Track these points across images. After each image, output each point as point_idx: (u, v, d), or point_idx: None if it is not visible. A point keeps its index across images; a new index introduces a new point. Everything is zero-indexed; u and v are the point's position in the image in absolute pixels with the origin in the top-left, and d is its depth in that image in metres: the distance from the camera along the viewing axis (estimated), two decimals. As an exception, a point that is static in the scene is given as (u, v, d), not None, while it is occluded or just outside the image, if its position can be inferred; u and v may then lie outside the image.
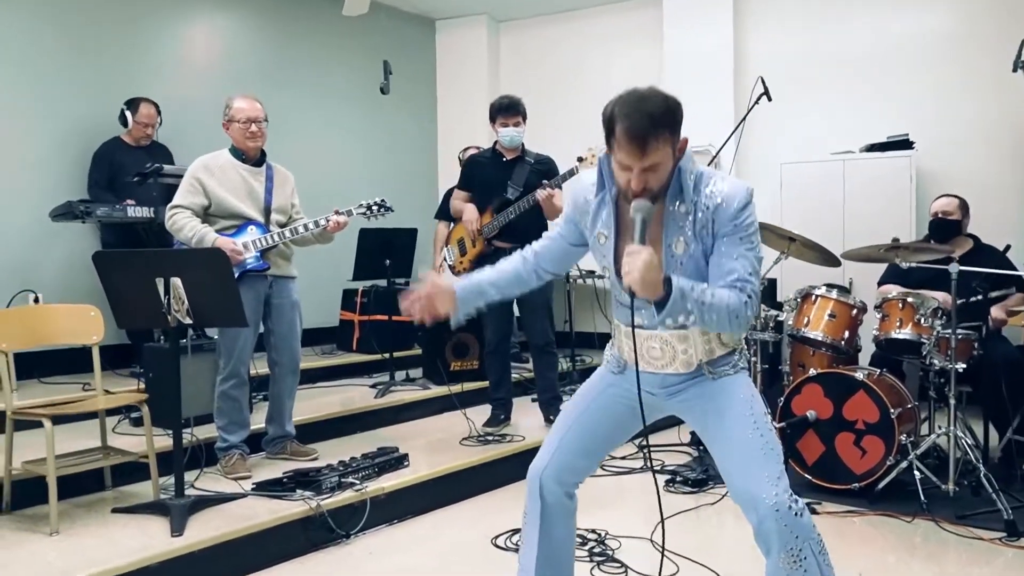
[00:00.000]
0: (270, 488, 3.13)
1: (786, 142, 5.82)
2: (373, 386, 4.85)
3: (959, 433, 3.37)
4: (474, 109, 7.07)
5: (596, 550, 2.93)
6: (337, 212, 3.51)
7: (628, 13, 6.68)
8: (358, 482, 3.20)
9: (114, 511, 2.95)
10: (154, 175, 4.38)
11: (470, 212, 4.11)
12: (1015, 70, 3.41)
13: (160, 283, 2.82)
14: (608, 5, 6.74)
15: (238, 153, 3.47)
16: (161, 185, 4.55)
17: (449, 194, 5.97)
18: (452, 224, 4.55)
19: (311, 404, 4.34)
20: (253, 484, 3.19)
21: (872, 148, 5.42)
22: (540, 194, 3.85)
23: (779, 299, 5.29)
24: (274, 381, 3.59)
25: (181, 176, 4.49)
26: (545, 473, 2.08)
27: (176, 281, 2.83)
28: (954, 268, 3.33)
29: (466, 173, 4.30)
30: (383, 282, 5.34)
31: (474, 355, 5.01)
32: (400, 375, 5.10)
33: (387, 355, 5.07)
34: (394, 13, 6.67)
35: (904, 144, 5.32)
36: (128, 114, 4.79)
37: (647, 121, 1.76)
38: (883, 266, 4.21)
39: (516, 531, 3.08)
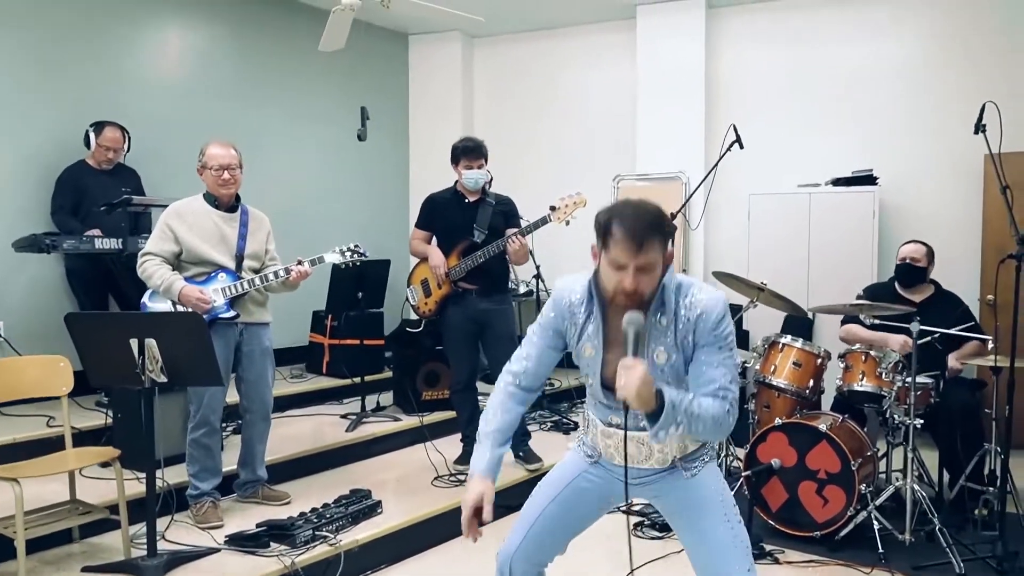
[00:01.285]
0: (244, 542, 3.12)
1: (755, 172, 5.92)
2: (344, 416, 4.85)
3: (915, 487, 3.50)
4: (447, 127, 7.03)
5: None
6: (299, 262, 3.48)
7: (603, 32, 6.70)
8: (332, 535, 3.21)
9: (84, 570, 2.92)
10: (123, 205, 4.30)
11: (436, 257, 4.12)
12: (976, 132, 3.50)
13: (135, 343, 2.79)
14: (583, 25, 6.75)
15: (212, 199, 3.44)
16: (129, 215, 4.49)
17: (425, 205, 5.97)
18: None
19: (282, 436, 4.32)
20: (226, 536, 3.18)
21: (838, 182, 5.55)
22: (510, 246, 3.88)
23: (748, 344, 5.42)
24: (245, 426, 3.58)
25: (150, 206, 4.48)
26: (515, 557, 2.16)
27: (151, 341, 2.80)
28: (915, 327, 3.45)
29: (427, 212, 4.27)
30: (354, 307, 5.33)
31: (445, 384, 5.02)
32: (371, 400, 5.11)
33: (358, 380, 5.07)
34: (367, 27, 6.59)
35: (868, 179, 5.46)
36: (92, 136, 4.66)
37: (645, 220, 1.84)
38: (848, 291, 4.33)
39: (489, 585, 3.13)
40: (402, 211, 6.79)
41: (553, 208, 3.93)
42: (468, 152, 4.06)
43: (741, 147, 4.21)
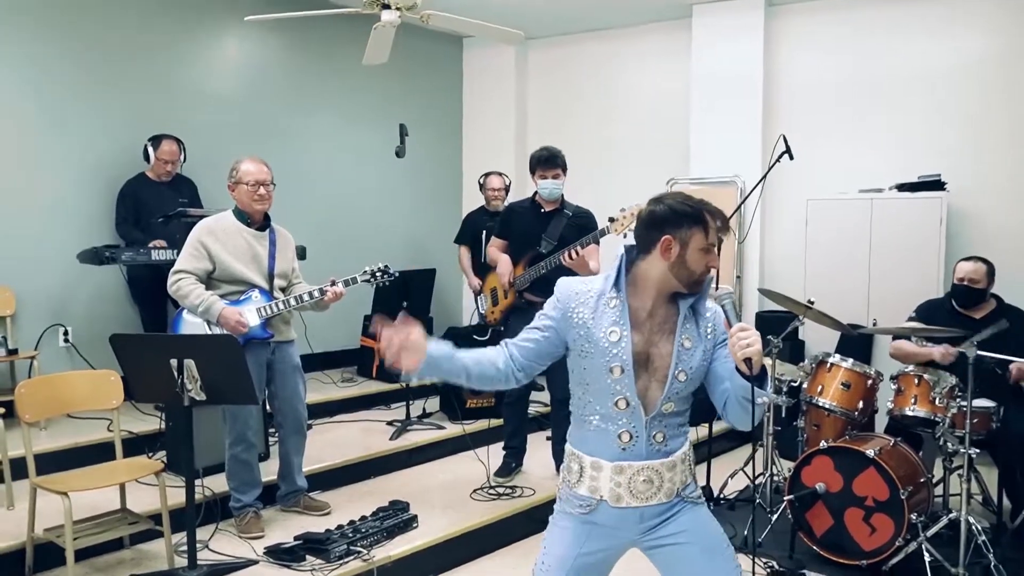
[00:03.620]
0: (281, 555, 3.21)
1: (813, 177, 5.71)
2: (390, 422, 4.93)
3: (970, 519, 3.32)
4: (500, 129, 7.05)
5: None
6: (333, 282, 3.51)
7: (657, 33, 6.56)
8: (366, 550, 3.27)
9: (130, 578, 3.07)
10: (178, 217, 4.46)
11: (504, 264, 4.12)
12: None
13: (174, 363, 2.89)
14: (638, 26, 6.62)
15: (243, 216, 3.48)
16: (185, 225, 4.64)
17: (469, 218, 6.01)
18: (481, 256, 4.53)
19: (327, 443, 4.44)
20: (265, 548, 3.28)
21: (903, 187, 5.30)
22: (564, 259, 3.83)
23: (804, 354, 5.26)
24: (281, 442, 3.67)
25: (203, 217, 4.62)
26: None
27: (189, 362, 2.89)
28: (971, 353, 3.27)
29: (504, 221, 4.28)
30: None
31: (490, 393, 5.04)
32: (417, 407, 5.17)
33: (405, 385, 5.13)
34: (420, 32, 6.63)
35: (936, 185, 5.19)
36: (151, 150, 4.86)
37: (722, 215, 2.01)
38: (911, 303, 4.14)
39: (518, 606, 3.14)
40: (454, 219, 6.82)
41: (612, 220, 3.86)
42: (544, 162, 4.04)
43: (791, 158, 4.06)
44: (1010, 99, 5.22)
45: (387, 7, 4.04)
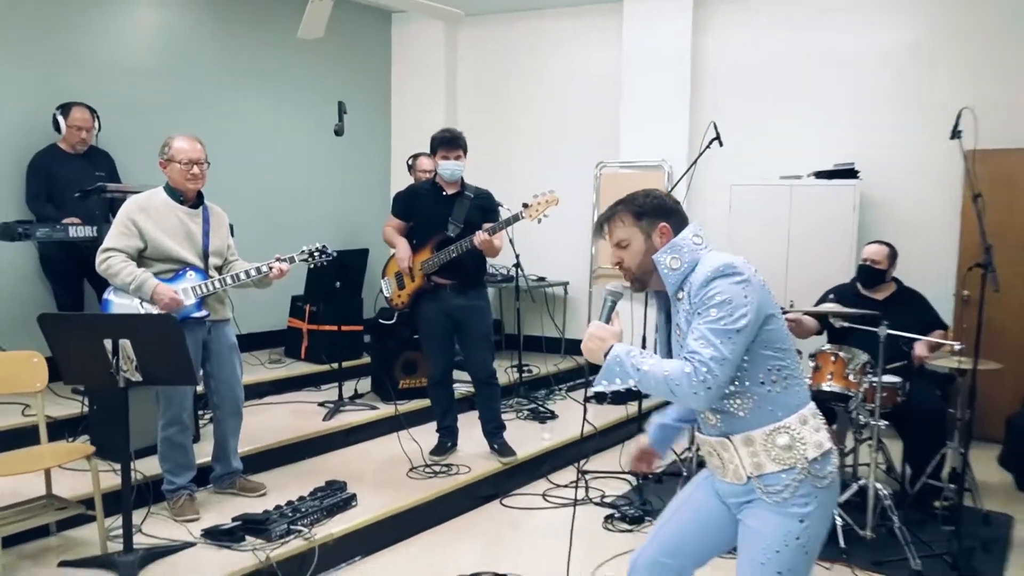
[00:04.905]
0: (219, 536, 3.16)
1: (738, 163, 5.91)
2: (322, 403, 4.89)
3: (877, 485, 3.59)
4: (430, 108, 6.99)
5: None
6: (279, 259, 3.48)
7: (590, 16, 6.65)
8: (307, 529, 3.26)
9: (61, 564, 2.96)
10: (97, 192, 4.26)
11: (403, 250, 4.13)
12: (952, 138, 3.53)
13: (109, 344, 2.79)
14: (571, 7, 6.68)
15: (175, 194, 3.38)
16: (104, 201, 4.44)
17: (396, 198, 5.95)
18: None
19: (259, 425, 4.36)
20: (202, 531, 3.22)
21: (820, 175, 5.58)
22: (476, 239, 3.89)
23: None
24: (217, 423, 3.60)
25: (126, 192, 4.42)
26: (639, 562, 2.13)
27: (125, 342, 2.80)
28: (882, 331, 3.51)
29: (405, 203, 4.27)
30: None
31: (423, 372, 5.06)
32: (349, 387, 5.14)
33: (336, 366, 5.10)
34: (347, 4, 6.49)
35: (850, 173, 5.49)
36: (61, 119, 4.60)
37: (611, 207, 2.06)
38: (826, 286, 4.40)
39: (460, 580, 3.21)
40: (383, 199, 6.75)
41: (526, 205, 3.94)
42: (446, 143, 4.05)
43: (720, 145, 4.22)
44: (919, 92, 5.55)
45: (325, -22, 3.96)
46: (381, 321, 5.14)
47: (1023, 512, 4.11)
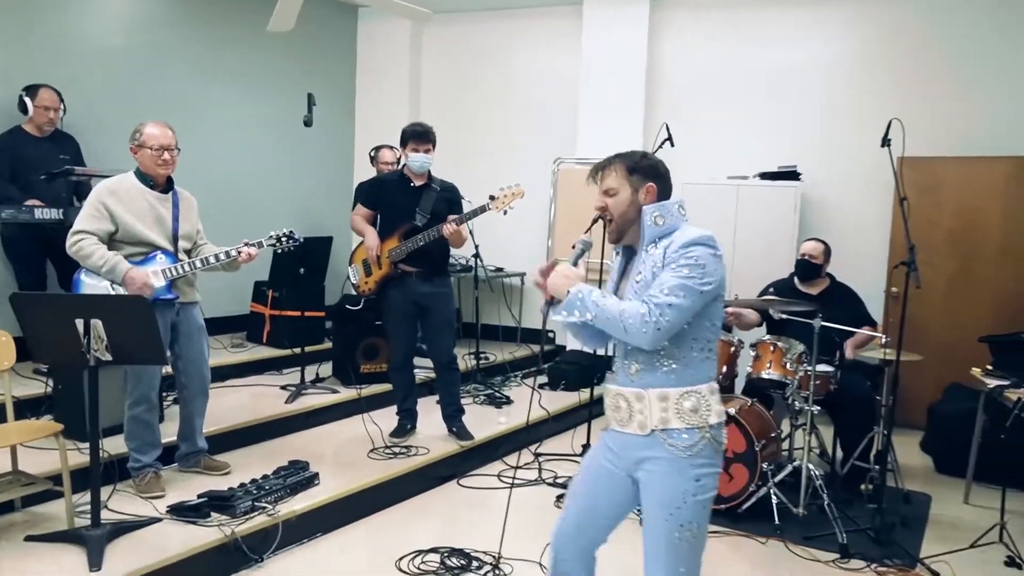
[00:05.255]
0: (185, 512, 3.28)
1: (691, 163, 6.15)
2: (284, 387, 5.00)
3: (810, 466, 3.86)
4: (393, 102, 7.10)
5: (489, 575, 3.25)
6: (247, 243, 3.58)
7: (551, 17, 6.84)
8: (271, 506, 3.39)
9: (28, 539, 3.04)
10: (64, 175, 4.30)
11: (371, 238, 4.27)
12: (882, 146, 3.81)
13: (80, 324, 2.88)
14: (533, 8, 6.86)
15: (145, 179, 3.47)
16: (70, 184, 4.48)
17: (361, 189, 6.07)
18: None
19: (222, 406, 4.46)
20: (168, 507, 3.33)
21: (764, 176, 5.86)
22: (446, 229, 4.06)
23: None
24: (184, 403, 3.70)
25: (92, 176, 4.47)
26: (557, 538, 2.27)
27: (96, 322, 2.89)
28: (817, 323, 3.78)
29: (373, 193, 4.42)
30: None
31: (384, 357, 5.20)
32: (311, 371, 5.25)
33: (298, 351, 5.20)
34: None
35: (792, 175, 5.78)
36: (28, 100, 4.62)
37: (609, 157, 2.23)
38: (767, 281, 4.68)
39: (420, 552, 3.37)
40: (346, 189, 6.85)
41: (492, 197, 4.12)
42: (417, 136, 4.19)
43: (672, 145, 4.45)
44: (853, 103, 5.89)
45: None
46: (348, 307, 5.26)
47: (941, 492, 4.45)
